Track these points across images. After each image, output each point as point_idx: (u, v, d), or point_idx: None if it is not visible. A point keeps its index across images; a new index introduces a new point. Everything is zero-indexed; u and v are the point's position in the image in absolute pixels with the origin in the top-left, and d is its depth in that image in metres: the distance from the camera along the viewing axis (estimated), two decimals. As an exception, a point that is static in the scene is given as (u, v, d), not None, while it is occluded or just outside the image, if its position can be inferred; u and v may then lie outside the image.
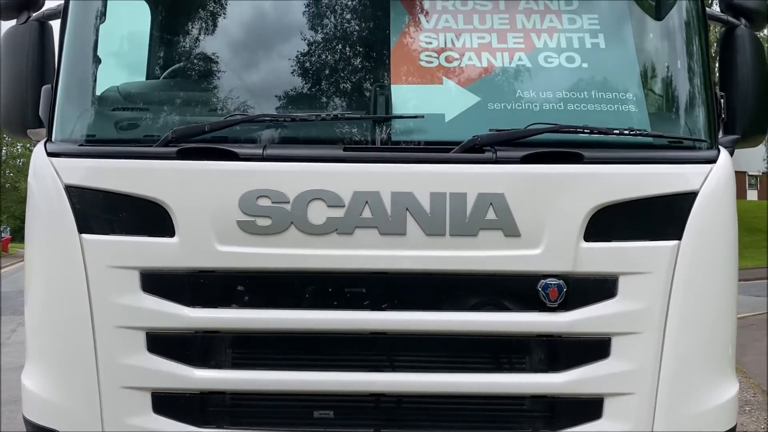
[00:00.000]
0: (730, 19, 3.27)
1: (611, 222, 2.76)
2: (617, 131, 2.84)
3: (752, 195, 42.78)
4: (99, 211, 2.83)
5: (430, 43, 3.09)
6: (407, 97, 3.00)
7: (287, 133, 2.91)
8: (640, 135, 2.88)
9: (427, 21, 3.13)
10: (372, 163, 2.78)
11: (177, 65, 3.33)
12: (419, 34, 3.11)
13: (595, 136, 2.84)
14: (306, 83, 3.09)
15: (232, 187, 2.73)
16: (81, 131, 3.01)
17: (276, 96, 3.05)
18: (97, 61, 3.13)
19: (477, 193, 2.71)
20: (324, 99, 3.07)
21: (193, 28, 3.33)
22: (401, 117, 2.91)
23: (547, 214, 2.73)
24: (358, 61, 3.15)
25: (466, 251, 2.71)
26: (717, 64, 3.36)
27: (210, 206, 2.74)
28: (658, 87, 3.18)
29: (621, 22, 3.17)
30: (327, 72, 3.09)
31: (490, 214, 2.71)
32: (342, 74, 3.10)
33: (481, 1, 3.15)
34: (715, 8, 3.53)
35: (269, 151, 2.79)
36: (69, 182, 2.80)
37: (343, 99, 3.07)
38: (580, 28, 3.10)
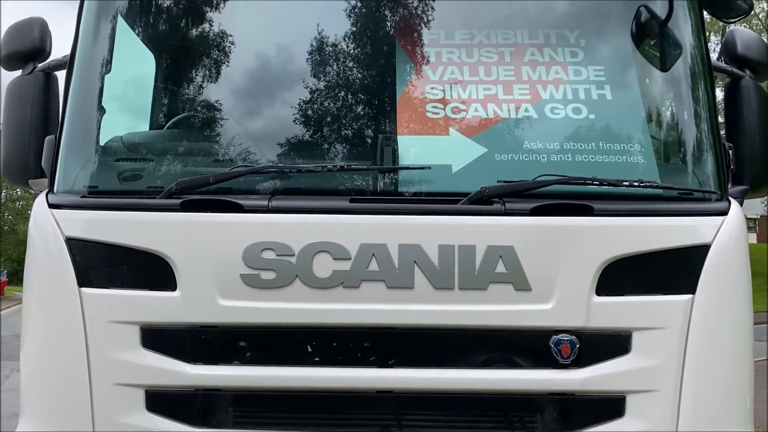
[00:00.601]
0: (735, 70, 3.28)
1: (623, 276, 2.70)
2: (626, 183, 2.81)
3: (752, 238, 42.84)
4: (99, 264, 2.77)
5: (436, 94, 3.08)
6: (414, 148, 2.99)
7: (293, 184, 2.87)
8: (649, 187, 2.84)
9: (432, 72, 3.14)
10: (379, 214, 2.73)
11: (181, 115, 3.32)
12: (425, 85, 3.10)
13: (605, 188, 2.80)
14: (311, 134, 3.08)
15: (236, 240, 2.68)
16: (83, 182, 2.97)
17: (281, 147, 3.03)
18: (102, 111, 3.12)
19: (486, 246, 2.66)
20: (330, 150, 3.05)
21: (197, 77, 3.34)
22: (408, 168, 2.89)
23: (558, 267, 2.67)
24: (364, 111, 3.14)
25: (476, 305, 2.64)
26: (723, 115, 3.36)
27: (213, 259, 2.68)
28: (666, 138, 3.17)
29: (627, 74, 3.18)
30: (332, 122, 3.08)
31: (500, 267, 2.65)
32: (348, 125, 3.09)
33: (486, 53, 3.16)
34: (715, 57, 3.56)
35: (274, 203, 2.74)
36: (70, 234, 2.75)
37: (350, 150, 3.04)
38: (586, 79, 3.10)
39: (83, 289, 2.71)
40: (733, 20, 3.10)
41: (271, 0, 3.26)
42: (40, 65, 3.27)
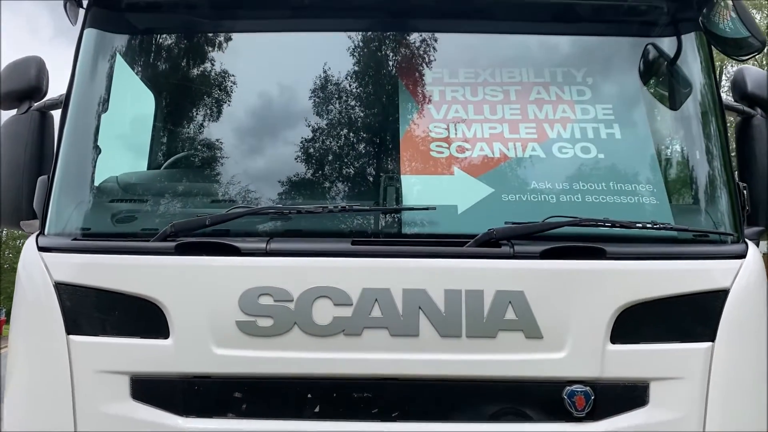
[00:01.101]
0: (746, 108, 3.21)
1: (639, 322, 2.57)
2: (639, 224, 2.69)
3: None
4: (89, 311, 2.64)
5: (440, 132, 3.00)
6: (418, 188, 2.89)
7: (292, 225, 2.77)
8: (663, 228, 2.72)
9: (436, 111, 3.06)
10: (381, 257, 2.62)
11: (178, 155, 3.24)
12: (429, 124, 3.03)
13: (617, 230, 2.69)
14: (312, 174, 2.98)
15: (232, 285, 2.56)
16: (75, 224, 2.86)
17: (280, 187, 2.94)
18: (96, 150, 3.04)
19: (495, 291, 2.53)
20: (331, 190, 2.95)
21: (195, 116, 3.27)
22: (412, 209, 2.78)
23: (571, 313, 2.54)
24: (366, 150, 3.05)
25: (485, 354, 2.50)
26: (735, 154, 3.27)
27: (208, 305, 2.56)
28: (678, 178, 3.07)
29: (636, 112, 3.10)
30: (334, 162, 2.99)
31: (510, 314, 2.52)
32: (350, 164, 3.00)
33: (491, 91, 3.09)
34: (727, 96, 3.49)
35: (273, 245, 2.63)
36: (59, 279, 2.63)
37: (351, 190, 2.94)
38: (594, 118, 3.02)
39: (71, 336, 2.58)
40: (744, 58, 3.03)
41: (269, 37, 3.21)
42: (35, 104, 3.20)
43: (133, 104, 3.33)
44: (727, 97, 3.28)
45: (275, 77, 3.16)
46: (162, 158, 3.35)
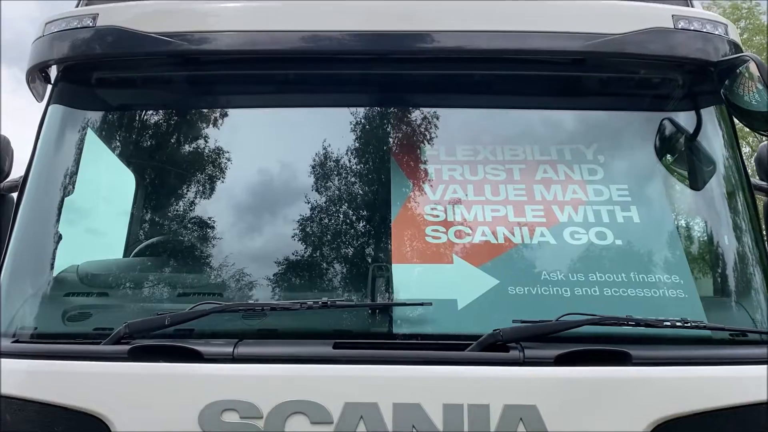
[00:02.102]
0: (774, 188, 2.90)
1: None
2: (668, 323, 2.32)
3: None
4: (30, 428, 2.24)
5: (437, 215, 2.68)
6: (411, 280, 2.53)
7: (265, 324, 2.40)
8: (696, 327, 2.35)
9: (432, 191, 2.75)
10: (368, 364, 2.23)
11: (146, 242, 2.90)
12: (424, 206, 2.71)
13: (642, 329, 2.32)
14: (290, 264, 2.61)
15: (191, 398, 2.17)
16: (21, 323, 2.51)
17: (254, 279, 2.58)
18: (55, 238, 2.73)
19: (503, 405, 2.13)
20: (311, 283, 2.59)
21: (167, 199, 2.96)
22: (405, 304, 2.41)
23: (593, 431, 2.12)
24: (353, 236, 2.71)
25: (492, 486, 2.07)
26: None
27: (162, 422, 2.15)
28: (707, 267, 2.71)
29: (654, 193, 2.78)
30: (315, 251, 2.64)
31: (521, 433, 2.11)
32: (333, 253, 2.65)
33: (492, 170, 2.79)
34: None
35: (240, 350, 2.25)
36: None
37: (334, 282, 2.59)
38: (608, 199, 2.70)
39: None
40: (772, 132, 2.74)
41: (249, 114, 2.96)
42: (-7, 187, 2.92)
43: (101, 186, 3.04)
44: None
45: (255, 156, 2.88)
46: (131, 244, 3.02)
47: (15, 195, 3.00)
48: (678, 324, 2.32)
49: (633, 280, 2.51)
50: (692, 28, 2.72)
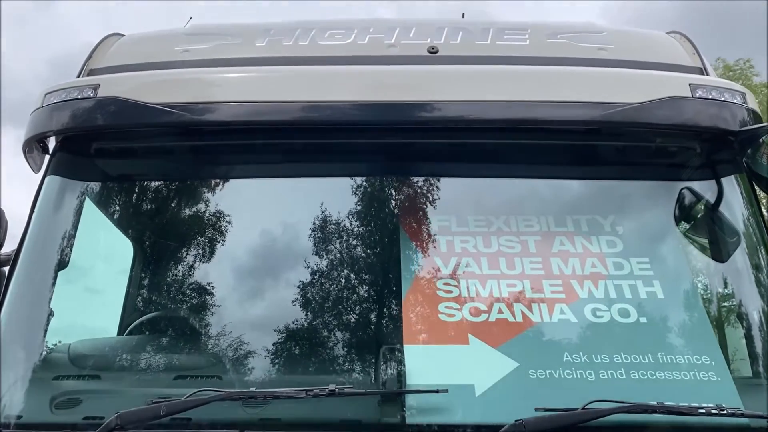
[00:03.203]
0: (802, 258, 2.76)
1: None
2: (703, 410, 2.15)
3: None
4: None
5: (450, 291, 2.54)
6: (425, 363, 2.37)
7: (268, 413, 2.23)
8: (733, 415, 2.17)
9: (444, 265, 2.61)
10: None
11: (142, 318, 2.75)
12: (436, 281, 2.57)
13: (676, 417, 2.14)
14: (294, 348, 2.46)
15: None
16: (2, 410, 2.33)
17: (256, 365, 2.42)
18: (46, 316, 2.58)
19: None
20: (317, 368, 2.42)
21: (166, 273, 2.82)
22: (418, 392, 2.25)
23: None
24: (361, 316, 2.56)
25: None
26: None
27: None
28: (738, 346, 2.55)
29: (678, 266, 2.66)
30: (321, 332, 2.49)
31: None
32: (341, 334, 2.49)
33: (506, 242, 2.66)
34: None
35: None
36: None
37: (342, 367, 2.42)
38: (629, 273, 2.57)
39: None
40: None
41: (251, 184, 2.86)
42: (-15, 260, 2.79)
43: (96, 260, 2.92)
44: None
45: (258, 231, 2.76)
46: (126, 320, 2.86)
47: (7, 269, 2.88)
48: (713, 411, 2.16)
49: (660, 362, 2.36)
50: (710, 96, 2.65)
